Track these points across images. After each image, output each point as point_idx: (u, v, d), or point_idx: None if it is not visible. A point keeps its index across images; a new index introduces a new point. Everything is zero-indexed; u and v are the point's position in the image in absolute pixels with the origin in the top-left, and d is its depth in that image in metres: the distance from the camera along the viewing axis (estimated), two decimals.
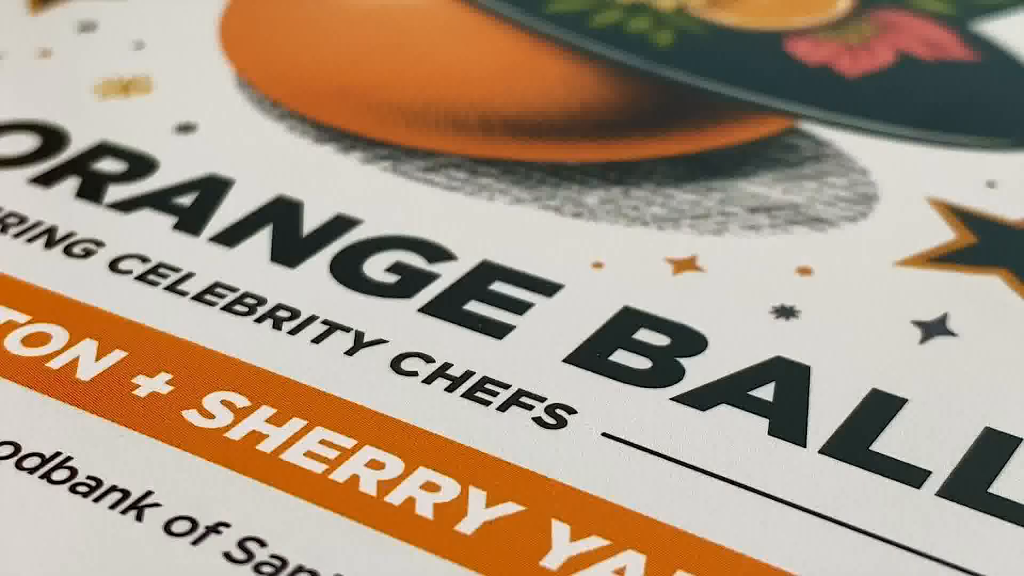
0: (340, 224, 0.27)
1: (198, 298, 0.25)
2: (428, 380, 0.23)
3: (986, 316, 0.25)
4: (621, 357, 0.24)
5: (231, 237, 0.27)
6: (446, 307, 0.25)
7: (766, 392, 0.23)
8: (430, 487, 0.21)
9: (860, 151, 0.30)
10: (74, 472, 0.21)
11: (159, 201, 0.28)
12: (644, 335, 0.24)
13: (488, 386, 0.23)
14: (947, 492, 0.21)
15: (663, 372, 0.24)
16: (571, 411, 0.23)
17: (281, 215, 0.27)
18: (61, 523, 0.21)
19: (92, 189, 0.28)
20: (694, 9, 0.35)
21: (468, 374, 0.24)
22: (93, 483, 0.21)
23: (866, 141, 0.30)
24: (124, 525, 0.21)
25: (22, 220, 0.27)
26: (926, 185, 0.28)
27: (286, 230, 0.27)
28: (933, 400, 0.23)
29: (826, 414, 0.23)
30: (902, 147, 0.30)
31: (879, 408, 0.23)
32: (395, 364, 0.24)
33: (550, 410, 0.23)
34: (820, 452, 0.22)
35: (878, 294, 0.26)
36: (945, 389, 0.23)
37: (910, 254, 0.27)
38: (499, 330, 0.25)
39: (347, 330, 0.24)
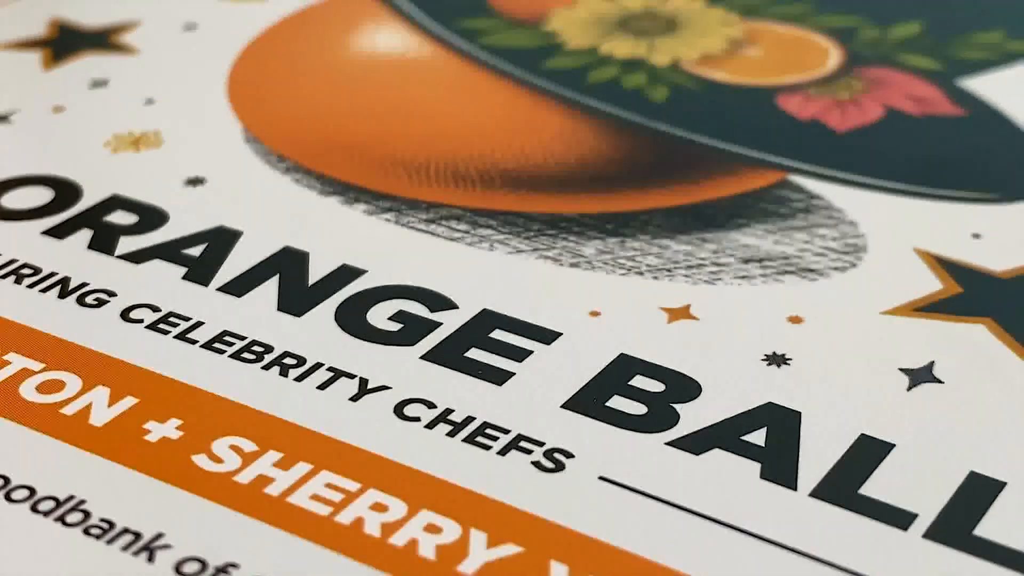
0: (345, 274, 0.27)
1: (207, 346, 0.26)
2: (430, 425, 0.24)
3: (971, 364, 0.25)
4: (617, 403, 0.24)
5: (239, 287, 0.27)
6: (448, 354, 0.25)
7: (758, 437, 0.24)
8: (432, 529, 0.22)
9: (849, 203, 0.30)
10: (88, 515, 0.22)
11: (169, 252, 0.28)
12: (640, 381, 0.25)
13: (488, 431, 0.24)
14: (933, 534, 0.22)
15: (658, 417, 0.24)
16: (569, 455, 0.23)
17: (288, 265, 0.28)
18: (76, 564, 0.21)
19: (104, 241, 0.28)
20: (688, 65, 0.35)
21: (469, 419, 0.24)
22: (106, 525, 0.22)
23: (855, 193, 0.30)
24: (136, 566, 0.21)
25: (37, 271, 0.28)
26: (913, 236, 0.29)
27: (293, 280, 0.27)
28: (919, 445, 0.24)
29: (816, 458, 0.23)
30: (890, 199, 0.30)
31: (867, 453, 0.23)
32: (398, 409, 0.24)
33: (549, 454, 0.23)
34: (810, 495, 0.23)
35: (867, 342, 0.26)
36: (931, 434, 0.24)
37: (898, 303, 0.27)
38: (499, 376, 0.25)
39: (352, 377, 0.25)
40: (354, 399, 0.24)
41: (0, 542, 0.21)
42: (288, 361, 0.25)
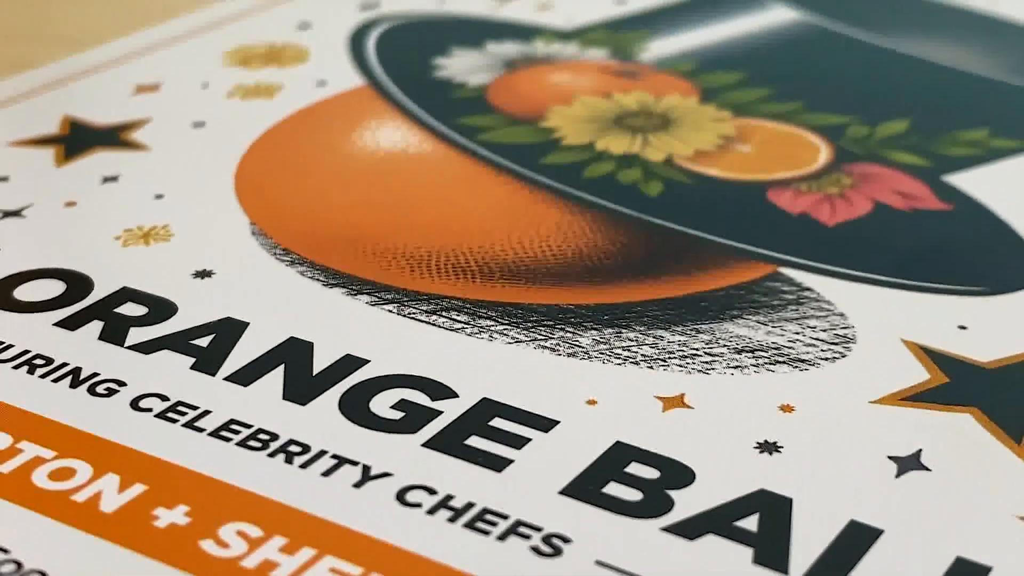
0: (348, 363, 0.28)
1: (215, 434, 0.26)
2: (431, 511, 0.24)
3: (957, 452, 0.26)
4: (614, 489, 0.25)
5: (246, 376, 0.27)
6: (448, 442, 0.26)
7: (751, 523, 0.24)
8: None
9: (839, 295, 0.30)
10: None
11: (178, 343, 0.28)
12: (635, 468, 0.25)
13: (488, 516, 0.24)
14: None
15: (653, 503, 0.24)
16: (566, 540, 0.24)
17: (293, 355, 0.28)
18: None
19: (115, 332, 0.29)
20: (682, 161, 0.36)
21: (469, 505, 0.24)
22: None
23: (844, 286, 0.31)
24: None
25: (49, 361, 0.28)
26: (901, 328, 0.29)
27: (298, 369, 0.28)
28: (907, 531, 0.24)
29: (807, 544, 0.24)
30: (878, 291, 0.30)
31: (857, 538, 0.24)
32: (400, 496, 0.24)
33: (547, 539, 0.24)
34: None
35: (856, 430, 0.26)
36: (919, 520, 0.24)
37: (886, 393, 0.27)
38: (498, 464, 0.25)
39: (355, 464, 0.25)
40: (357, 485, 0.25)
41: None
42: (293, 448, 0.26)
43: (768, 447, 0.26)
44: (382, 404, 0.27)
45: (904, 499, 0.25)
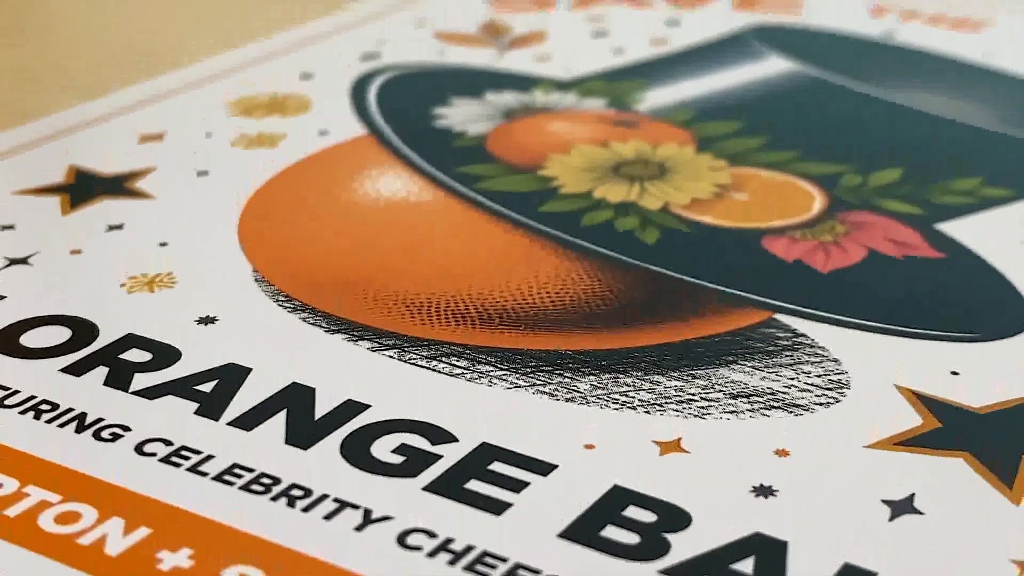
0: (350, 408, 0.28)
1: (218, 478, 0.26)
2: (432, 554, 0.24)
3: (950, 496, 0.26)
4: (611, 532, 0.25)
5: (249, 421, 0.28)
6: (449, 486, 0.26)
7: (746, 566, 0.24)
8: None
9: (833, 341, 0.30)
10: None
11: (182, 388, 0.29)
12: (633, 512, 0.25)
13: (488, 559, 0.24)
14: None
15: (650, 547, 0.25)
16: None
17: (295, 400, 0.28)
18: None
19: (120, 377, 0.29)
20: (678, 209, 0.36)
21: (469, 548, 0.24)
22: None
23: (839, 332, 0.31)
24: None
25: (55, 407, 0.28)
26: (894, 373, 0.29)
27: (300, 414, 0.28)
28: (901, 574, 0.24)
29: None
30: (872, 338, 0.31)
31: None
32: (401, 539, 0.25)
33: None
34: None
35: (850, 475, 0.26)
36: (912, 564, 0.24)
37: (880, 437, 0.28)
38: (498, 507, 0.25)
39: (356, 507, 0.25)
40: (358, 529, 0.25)
41: None
42: (295, 492, 0.26)
43: (764, 491, 0.26)
44: (383, 448, 0.27)
45: (898, 542, 0.25)
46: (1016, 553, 0.25)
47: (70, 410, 0.28)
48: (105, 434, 0.27)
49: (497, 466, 0.27)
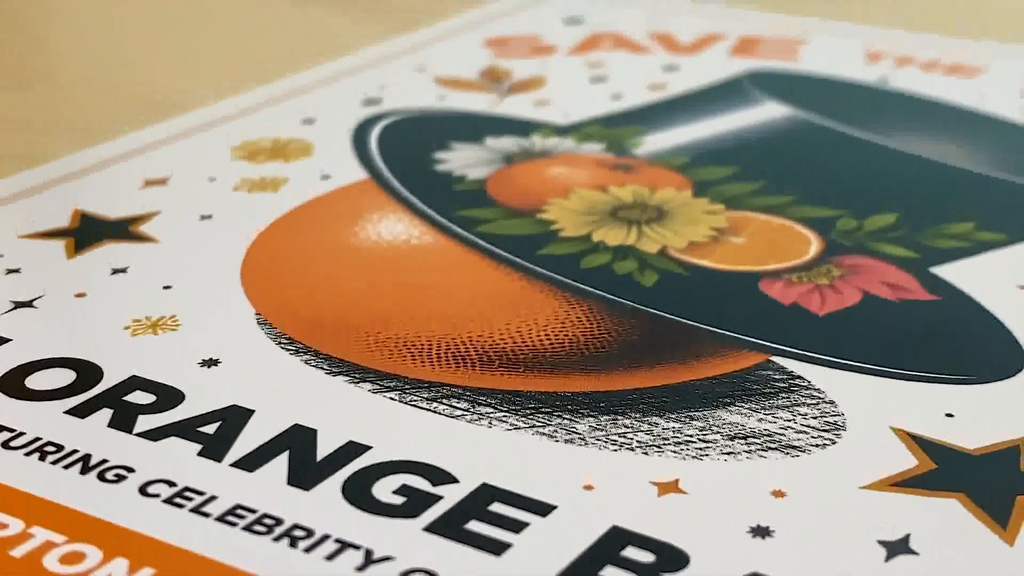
0: (351, 450, 0.28)
1: (221, 519, 0.26)
2: None
3: (945, 537, 0.26)
4: (610, 573, 0.25)
5: (251, 462, 0.28)
6: (449, 526, 0.26)
7: None
8: None
9: (829, 383, 0.31)
10: None
11: (185, 430, 0.29)
12: (631, 552, 0.26)
13: None
14: None
15: None
16: None
17: (298, 442, 0.29)
18: None
19: (124, 419, 0.29)
20: (676, 252, 0.36)
21: None
22: None
23: (834, 374, 0.31)
24: None
25: (60, 448, 0.28)
26: (889, 415, 0.30)
27: (302, 455, 0.28)
28: None
29: None
30: (867, 380, 0.31)
31: None
32: None
33: None
34: None
35: (846, 515, 0.27)
36: None
37: (875, 479, 0.28)
38: (497, 547, 0.26)
39: (357, 548, 0.26)
40: (360, 569, 0.25)
41: None
42: (297, 533, 0.26)
43: (761, 531, 0.26)
44: (384, 489, 0.27)
45: None
46: None
47: (75, 451, 0.28)
48: (110, 475, 0.28)
49: (497, 507, 0.27)
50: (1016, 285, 0.35)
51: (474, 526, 0.26)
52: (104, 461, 0.28)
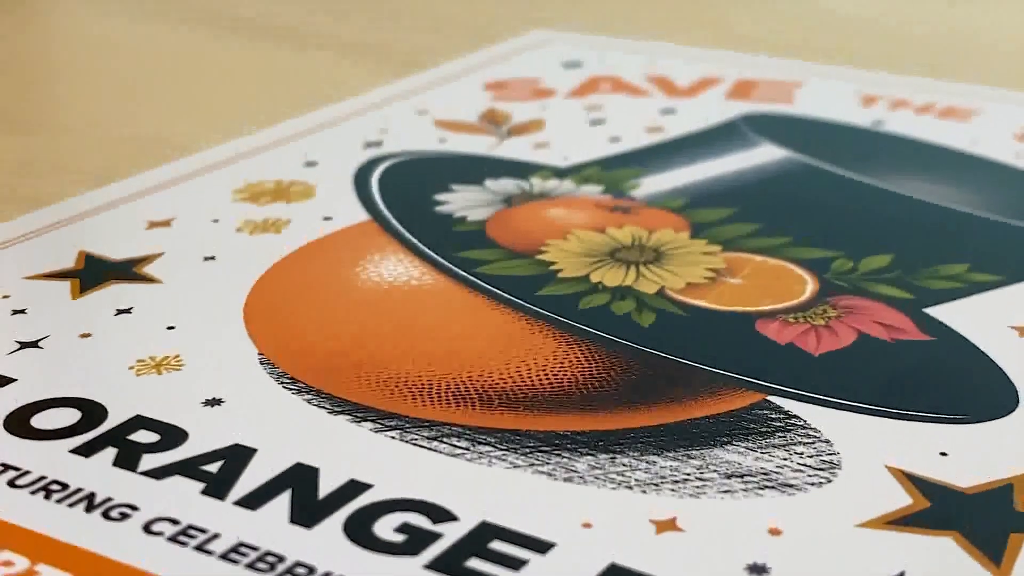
0: (353, 488, 0.29)
1: (224, 556, 0.27)
2: None
3: (940, 574, 0.26)
4: None
5: (254, 501, 0.28)
6: (449, 563, 0.26)
7: None
8: None
9: (825, 423, 0.31)
10: None
11: (189, 468, 0.29)
12: None
13: None
14: None
15: None
16: None
17: (300, 480, 0.29)
18: None
19: (128, 458, 0.30)
20: (673, 293, 0.37)
21: None
22: None
23: (830, 413, 0.31)
24: None
25: (65, 487, 0.29)
26: (884, 454, 0.30)
27: (304, 494, 0.28)
28: None
29: None
30: (863, 419, 0.31)
31: None
32: None
33: None
34: None
35: (842, 553, 0.27)
36: None
37: (871, 517, 0.28)
38: None
39: None
40: None
41: None
42: (299, 571, 0.26)
43: (757, 569, 0.26)
44: (385, 527, 0.28)
45: None
46: None
47: (79, 490, 0.29)
48: (114, 513, 0.28)
49: (497, 544, 0.27)
50: (1009, 326, 0.35)
51: (474, 563, 0.27)
52: (109, 499, 0.28)
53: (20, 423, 0.31)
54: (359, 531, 0.27)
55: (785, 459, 0.30)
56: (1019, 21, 0.64)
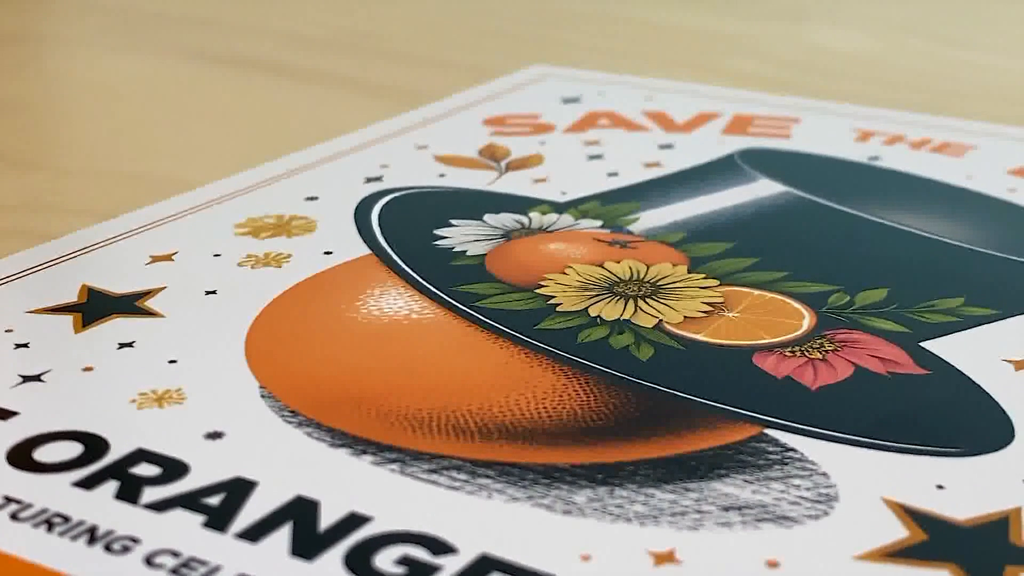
0: (353, 521, 0.29)
1: None
2: None
3: None
4: None
5: (255, 533, 0.28)
6: None
7: None
8: None
9: (822, 456, 0.31)
10: None
11: (190, 501, 0.29)
12: None
13: None
14: None
15: None
16: None
17: (300, 513, 0.29)
18: None
19: (130, 491, 0.30)
20: (671, 326, 0.37)
21: None
22: None
23: (827, 447, 0.31)
24: None
25: (67, 519, 0.29)
26: (881, 487, 0.30)
27: (305, 526, 0.29)
28: None
29: None
30: (859, 452, 0.31)
31: None
32: None
33: None
34: None
35: None
36: None
37: (868, 549, 0.28)
38: None
39: None
40: None
41: None
42: None
43: None
44: (385, 559, 0.28)
45: None
46: None
47: (82, 523, 0.29)
48: (116, 546, 0.28)
49: None
50: (1004, 359, 0.35)
51: None
52: (110, 532, 0.29)
53: (23, 456, 0.31)
54: (359, 564, 0.28)
55: (782, 492, 0.30)
56: (1012, 58, 0.65)
